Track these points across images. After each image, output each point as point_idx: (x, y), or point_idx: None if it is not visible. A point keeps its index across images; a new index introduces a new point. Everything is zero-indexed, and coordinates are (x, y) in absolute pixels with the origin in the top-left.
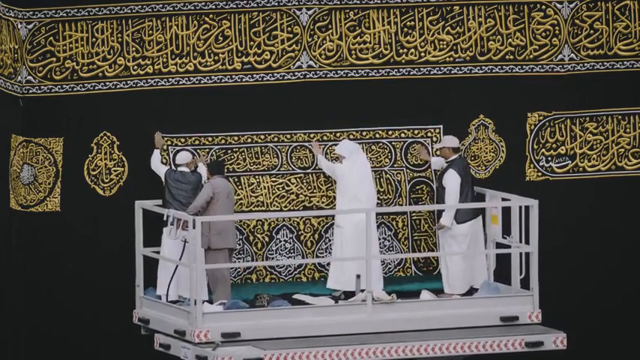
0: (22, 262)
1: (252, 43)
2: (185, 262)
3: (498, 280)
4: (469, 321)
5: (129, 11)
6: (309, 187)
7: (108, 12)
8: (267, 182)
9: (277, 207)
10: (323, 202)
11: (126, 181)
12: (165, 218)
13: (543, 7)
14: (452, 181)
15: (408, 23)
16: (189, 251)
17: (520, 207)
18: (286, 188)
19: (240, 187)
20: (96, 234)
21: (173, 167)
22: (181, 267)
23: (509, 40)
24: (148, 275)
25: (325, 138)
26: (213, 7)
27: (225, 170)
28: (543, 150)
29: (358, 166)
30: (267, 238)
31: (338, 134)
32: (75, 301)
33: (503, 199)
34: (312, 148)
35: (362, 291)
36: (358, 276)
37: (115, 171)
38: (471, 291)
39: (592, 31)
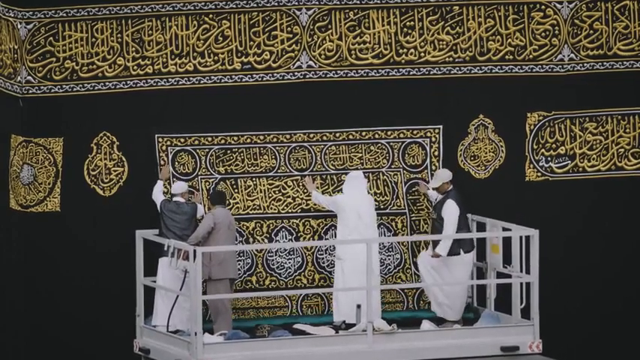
0: (21, 261)
1: (251, 43)
2: (185, 292)
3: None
4: (469, 351)
5: (128, 11)
6: (306, 190)
7: (107, 12)
8: (263, 185)
9: (274, 210)
10: (320, 205)
11: (126, 181)
12: (165, 248)
13: (543, 7)
14: (451, 212)
15: (408, 23)
16: (190, 281)
17: (520, 237)
18: (283, 191)
19: (236, 190)
20: (95, 234)
21: (167, 198)
22: (180, 299)
23: (509, 40)
24: (148, 304)
25: (325, 138)
26: (213, 7)
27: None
28: (543, 150)
29: (359, 197)
30: (266, 240)
31: (337, 134)
32: (74, 302)
33: (504, 229)
34: (306, 185)
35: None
36: (359, 306)
37: (115, 171)
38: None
39: (592, 31)
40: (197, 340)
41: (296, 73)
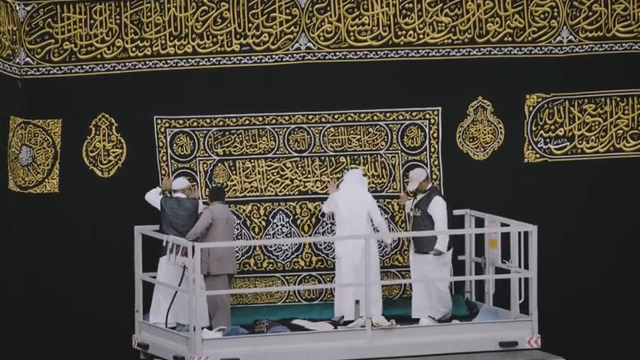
0: (20, 244)
1: (250, 24)
2: (184, 288)
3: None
4: (468, 346)
5: None
6: (304, 172)
7: None
8: (262, 167)
9: (272, 192)
10: (317, 187)
11: (124, 163)
12: (164, 244)
13: None
14: (440, 207)
15: (407, 5)
16: (188, 277)
17: (519, 232)
18: (281, 173)
19: (234, 172)
20: (94, 216)
21: (168, 194)
22: (179, 294)
23: (508, 22)
24: (147, 299)
25: (323, 120)
26: None
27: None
28: (542, 132)
29: (353, 192)
30: (263, 223)
31: (336, 116)
32: (73, 285)
33: (503, 224)
34: (329, 188)
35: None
36: (357, 301)
37: (114, 152)
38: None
39: (590, 13)
40: (196, 335)
41: (295, 55)
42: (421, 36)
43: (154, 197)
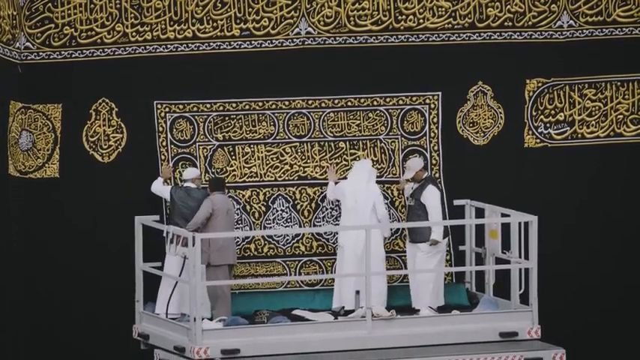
0: (21, 229)
1: (250, 9)
2: (185, 278)
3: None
4: (468, 337)
5: None
6: (303, 157)
7: None
8: (261, 152)
9: (271, 178)
10: (317, 172)
11: (125, 148)
12: (164, 234)
13: None
14: (433, 196)
15: None
16: (189, 268)
17: (519, 223)
18: (280, 158)
19: (234, 157)
20: (94, 201)
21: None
22: (183, 284)
23: (508, 6)
24: (148, 290)
25: (323, 105)
26: None
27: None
28: (542, 117)
29: (359, 183)
30: (263, 208)
31: (336, 101)
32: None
33: (503, 215)
34: (328, 173)
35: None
36: (357, 292)
37: (114, 137)
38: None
39: None
40: (196, 326)
41: (295, 40)
42: (421, 21)
43: (160, 188)
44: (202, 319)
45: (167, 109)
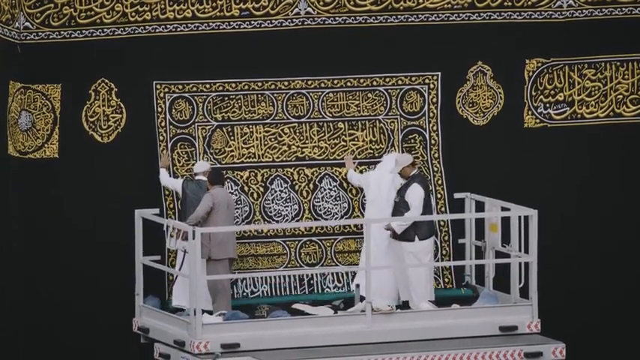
0: (21, 208)
1: None
2: (185, 272)
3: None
4: (468, 331)
5: None
6: (302, 138)
7: None
8: (259, 133)
9: (269, 159)
10: (315, 153)
11: (124, 128)
12: (164, 228)
13: None
14: (416, 195)
15: None
16: (189, 261)
17: (519, 216)
18: (279, 139)
19: (232, 137)
20: (94, 180)
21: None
22: (182, 278)
23: None
24: (148, 283)
25: (322, 85)
26: None
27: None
28: (541, 97)
29: (384, 174)
30: (261, 189)
31: (335, 81)
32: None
33: (503, 209)
34: (346, 163)
35: (362, 300)
36: (357, 286)
37: (113, 117)
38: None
39: None
40: (196, 320)
41: (294, 20)
42: (421, 1)
43: (171, 182)
44: (202, 312)
45: (166, 90)
